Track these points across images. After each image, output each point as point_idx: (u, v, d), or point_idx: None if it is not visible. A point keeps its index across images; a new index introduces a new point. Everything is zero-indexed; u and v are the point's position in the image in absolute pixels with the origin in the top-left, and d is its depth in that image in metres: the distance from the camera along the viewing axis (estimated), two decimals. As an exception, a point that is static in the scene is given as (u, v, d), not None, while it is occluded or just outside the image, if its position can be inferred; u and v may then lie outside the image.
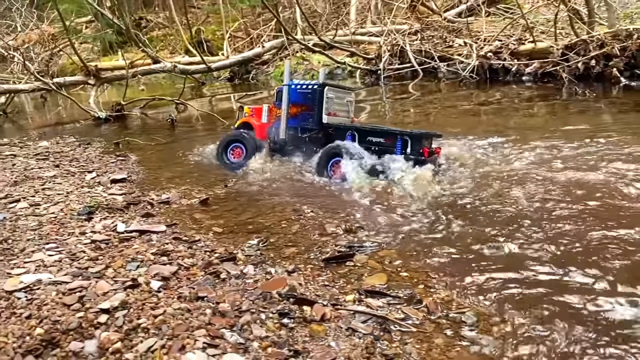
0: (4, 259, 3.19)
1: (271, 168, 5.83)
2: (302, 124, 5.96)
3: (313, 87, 5.91)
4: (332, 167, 5.45)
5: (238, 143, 6.20)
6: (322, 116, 5.84)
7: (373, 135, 5.54)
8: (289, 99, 5.91)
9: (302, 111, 5.96)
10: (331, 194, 4.87)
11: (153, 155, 6.87)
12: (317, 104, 5.84)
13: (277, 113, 6.11)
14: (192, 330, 2.34)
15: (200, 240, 3.62)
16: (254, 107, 6.57)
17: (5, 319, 2.49)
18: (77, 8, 25.16)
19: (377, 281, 2.96)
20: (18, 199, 4.46)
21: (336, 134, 5.78)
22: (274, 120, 6.18)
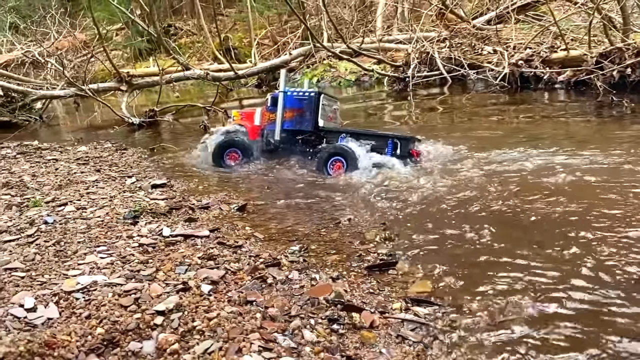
0: (59, 260, 3.32)
1: (300, 176, 5.97)
2: (298, 126, 6.50)
3: (310, 94, 6.51)
4: (332, 165, 6.05)
5: (233, 147, 6.60)
6: (318, 120, 6.43)
7: (364, 137, 6.22)
8: (284, 104, 6.45)
9: (296, 115, 6.51)
10: (365, 200, 4.90)
11: (189, 161, 7.01)
12: (313, 109, 6.43)
13: (269, 116, 6.63)
14: (247, 333, 2.41)
15: (243, 246, 3.69)
16: (243, 112, 7.05)
17: (66, 318, 2.60)
18: (109, 16, 25.86)
19: (422, 289, 2.98)
20: (65, 203, 4.62)
21: (329, 136, 6.45)
22: (266, 123, 6.68)
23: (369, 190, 5.17)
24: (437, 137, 7.28)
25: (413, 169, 5.85)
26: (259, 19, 22.44)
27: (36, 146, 8.03)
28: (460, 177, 5.33)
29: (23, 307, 2.66)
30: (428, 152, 6.44)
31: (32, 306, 2.67)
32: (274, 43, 20.59)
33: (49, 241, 3.65)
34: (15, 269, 3.18)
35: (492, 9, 14.72)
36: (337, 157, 6.04)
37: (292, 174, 6.14)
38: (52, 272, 3.12)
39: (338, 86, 15.11)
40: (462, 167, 5.69)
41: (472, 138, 7.05)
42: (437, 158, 6.22)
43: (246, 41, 23.01)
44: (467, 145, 6.59)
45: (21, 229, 3.95)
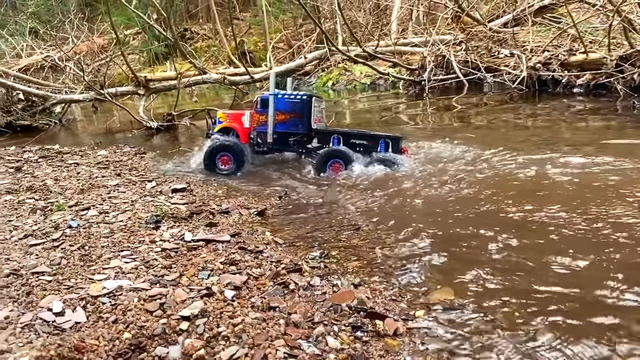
0: (84, 265, 3.38)
1: (315, 181, 6.02)
2: (292, 129, 6.70)
3: (302, 97, 6.69)
4: (330, 166, 6.33)
5: (225, 151, 6.61)
6: (311, 122, 6.65)
7: (355, 138, 6.57)
8: (275, 106, 6.59)
9: (291, 118, 6.68)
10: (381, 206, 4.90)
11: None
12: (306, 112, 6.63)
13: (259, 119, 6.75)
14: (272, 339, 2.42)
15: (264, 251, 3.71)
16: (229, 113, 7.07)
17: (93, 323, 2.64)
18: (126, 20, 26.23)
19: (445, 295, 2.96)
20: (88, 207, 4.70)
21: (321, 137, 6.70)
22: (255, 125, 6.80)
23: (383, 195, 5.16)
24: (453, 140, 7.26)
25: (428, 173, 5.83)
26: (274, 22, 22.55)
27: (57, 150, 8.16)
28: (476, 181, 5.30)
29: (51, 311, 2.71)
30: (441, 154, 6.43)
31: (60, 310, 2.72)
32: (289, 47, 20.67)
33: (73, 245, 3.71)
34: (43, 272, 3.24)
35: (509, 11, 14.62)
36: (336, 159, 6.33)
37: (306, 178, 6.17)
38: (78, 277, 3.18)
39: (353, 89, 15.12)
40: (478, 171, 5.66)
41: (488, 141, 7.00)
42: (452, 161, 6.18)
43: (261, 45, 23.16)
44: (483, 149, 6.55)
45: (46, 233, 4.02)
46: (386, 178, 5.79)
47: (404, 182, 5.57)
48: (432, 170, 5.95)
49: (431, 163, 6.24)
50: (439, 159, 6.38)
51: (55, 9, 30.80)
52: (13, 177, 6.29)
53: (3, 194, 5.46)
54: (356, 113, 11.94)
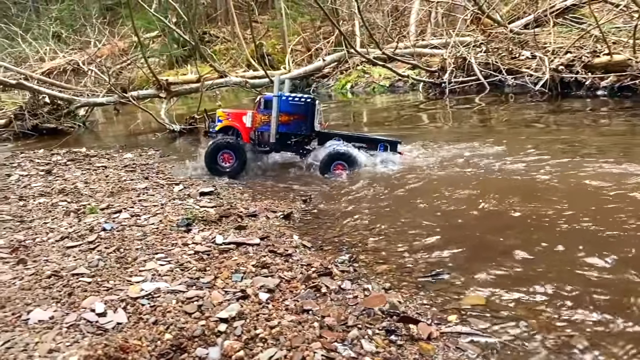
0: (121, 267, 3.48)
1: (336, 185, 6.06)
2: (295, 130, 6.82)
3: (306, 100, 6.80)
4: (335, 167, 6.52)
5: (227, 149, 6.69)
6: (314, 124, 6.83)
7: (355, 140, 6.80)
8: (278, 108, 6.65)
9: (295, 120, 6.78)
10: (407, 209, 4.92)
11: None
12: (309, 114, 6.77)
13: (261, 119, 6.82)
14: (309, 342, 2.48)
15: (293, 254, 3.78)
16: (230, 112, 7.06)
17: (134, 324, 2.73)
18: (146, 24, 26.63)
19: (476, 301, 2.99)
20: (119, 210, 4.82)
21: (323, 138, 6.89)
22: (257, 125, 6.87)
23: (407, 199, 5.19)
24: (474, 142, 7.24)
25: (451, 176, 5.84)
26: (292, 25, 22.68)
27: (84, 153, 8.35)
28: (501, 185, 5.30)
29: (94, 311, 2.82)
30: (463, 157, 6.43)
31: (102, 311, 2.82)
32: (307, 49, 20.77)
33: (109, 248, 3.82)
34: (82, 274, 3.35)
35: (529, 12, 14.50)
36: (339, 161, 6.52)
37: (325, 182, 6.20)
38: (116, 278, 3.28)
39: (372, 92, 15.12)
40: (503, 175, 5.65)
41: (511, 144, 6.95)
42: (475, 164, 6.17)
43: (279, 47, 23.32)
44: (507, 152, 6.53)
45: (82, 235, 4.15)
46: (406, 181, 5.81)
47: (426, 185, 5.59)
48: (455, 173, 5.95)
49: (454, 166, 6.24)
50: (461, 162, 6.37)
51: (78, 13, 31.44)
52: (45, 180, 6.48)
53: (37, 197, 5.63)
54: (375, 114, 11.96)
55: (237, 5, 24.71)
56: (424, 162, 6.60)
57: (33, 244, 4.13)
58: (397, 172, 6.17)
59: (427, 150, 7.25)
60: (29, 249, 4.04)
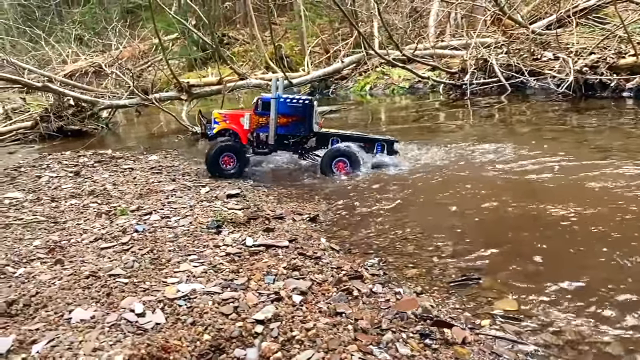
0: (155, 268, 3.56)
1: (358, 187, 6.08)
2: (293, 132, 6.92)
3: (304, 101, 6.89)
4: (336, 165, 6.64)
5: (229, 152, 6.75)
6: (312, 125, 6.92)
7: (352, 140, 6.89)
8: (276, 109, 6.76)
9: (293, 121, 6.88)
10: (431, 211, 4.94)
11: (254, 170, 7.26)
12: (308, 116, 6.85)
13: (258, 120, 6.88)
14: (345, 345, 2.52)
15: (322, 257, 3.82)
16: (226, 113, 7.07)
17: (172, 324, 2.80)
18: (166, 26, 27.00)
19: (508, 306, 3.00)
20: (150, 212, 4.92)
21: (321, 139, 7.03)
22: (255, 127, 6.93)
23: (431, 201, 5.21)
24: (497, 145, 7.23)
25: (477, 179, 5.83)
26: (310, 27, 22.76)
27: (110, 155, 8.50)
28: (528, 188, 5.29)
29: (133, 312, 2.89)
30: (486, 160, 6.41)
31: (141, 311, 2.89)
32: (326, 51, 20.82)
33: (142, 249, 3.91)
34: (118, 275, 3.44)
35: (551, 12, 14.35)
36: (341, 158, 6.63)
37: (346, 184, 6.24)
38: (152, 279, 3.36)
39: (391, 93, 15.11)
40: (529, 177, 5.63)
41: (535, 147, 6.91)
42: (499, 167, 6.15)
43: (297, 49, 23.43)
44: (532, 154, 6.50)
45: (115, 237, 4.25)
46: (427, 183, 5.85)
47: (448, 187, 5.60)
48: (478, 175, 5.95)
49: (476, 168, 6.25)
50: (484, 164, 6.37)
51: (99, 16, 31.98)
52: (74, 182, 6.62)
53: (68, 198, 5.77)
54: (395, 116, 11.95)
55: (256, 8, 24.89)
56: (445, 164, 6.62)
57: (68, 244, 4.24)
58: (418, 174, 6.20)
59: (448, 151, 7.25)
60: (65, 249, 4.15)
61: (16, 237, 4.52)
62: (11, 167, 8.38)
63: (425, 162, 6.89)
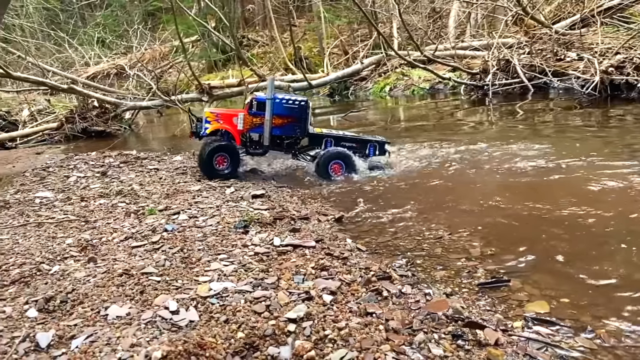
0: (186, 267, 3.63)
1: (382, 188, 6.09)
2: (289, 133, 6.91)
3: (300, 102, 6.84)
4: (332, 167, 6.68)
5: (223, 152, 6.65)
6: (307, 126, 6.92)
7: (345, 141, 6.98)
8: (272, 110, 6.68)
9: (289, 122, 6.85)
10: (456, 212, 4.92)
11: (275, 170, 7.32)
12: (303, 117, 6.85)
13: (252, 121, 6.80)
14: (378, 344, 2.54)
15: (349, 258, 3.84)
16: (219, 113, 6.95)
17: (206, 322, 2.85)
18: (186, 29, 27.34)
19: (540, 308, 2.98)
20: (178, 211, 5.00)
21: (314, 140, 7.03)
22: (248, 127, 6.84)
23: (454, 202, 5.19)
24: (521, 146, 7.17)
25: (503, 181, 5.80)
26: (329, 28, 22.81)
27: (135, 156, 8.65)
28: (554, 190, 5.24)
29: (168, 309, 2.95)
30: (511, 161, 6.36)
31: (175, 309, 2.95)
32: (344, 52, 20.84)
33: (173, 248, 3.98)
34: (151, 273, 3.51)
35: (574, 12, 14.15)
36: (337, 161, 6.68)
37: (368, 185, 6.25)
38: (183, 278, 3.42)
39: (411, 94, 15.05)
40: (554, 179, 5.58)
41: (560, 148, 6.83)
42: (525, 169, 6.10)
43: (315, 50, 23.50)
44: (557, 156, 6.43)
45: (145, 236, 4.33)
46: (450, 184, 5.85)
47: (472, 187, 5.60)
48: (501, 176, 5.93)
49: (500, 168, 6.21)
50: (507, 165, 6.32)
51: (121, 19, 32.53)
52: (101, 182, 6.76)
53: (97, 198, 5.89)
54: (415, 116, 11.92)
55: (275, 10, 25.03)
56: (465, 164, 6.59)
57: (99, 243, 4.34)
58: (438, 174, 6.19)
59: (469, 152, 7.23)
60: (96, 248, 4.25)
61: (49, 236, 4.64)
62: (39, 167, 8.59)
63: (445, 162, 6.86)
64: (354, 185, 6.34)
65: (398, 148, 7.92)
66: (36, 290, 3.44)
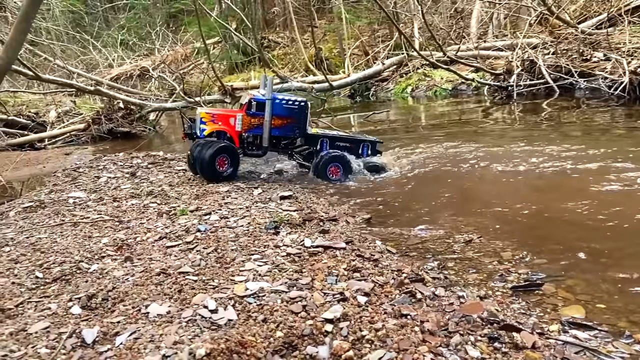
0: (221, 267, 3.71)
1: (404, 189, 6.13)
2: (288, 134, 6.90)
3: (300, 103, 6.80)
4: (330, 170, 6.71)
5: (224, 153, 6.48)
6: (306, 127, 6.92)
7: (340, 141, 7.03)
8: (271, 111, 6.63)
9: (288, 123, 6.82)
10: (485, 214, 4.92)
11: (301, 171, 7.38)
12: (303, 117, 6.83)
13: (250, 121, 6.69)
14: (415, 345, 2.57)
15: (380, 260, 3.87)
16: (215, 114, 6.78)
17: (244, 321, 2.91)
18: (208, 31, 27.65)
19: (575, 312, 2.98)
20: (209, 212, 5.10)
21: (310, 140, 6.99)
22: (246, 128, 6.74)
23: (483, 204, 5.19)
24: (543, 147, 7.10)
25: (532, 183, 5.77)
26: (349, 29, 22.83)
27: (162, 157, 8.81)
28: (586, 192, 5.18)
29: (207, 308, 3.03)
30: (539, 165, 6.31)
31: (214, 308, 3.03)
32: (365, 53, 20.84)
33: (207, 248, 4.07)
34: (187, 272, 3.60)
35: (600, 11, 13.93)
36: (335, 163, 6.70)
37: (391, 187, 6.28)
38: (219, 277, 3.50)
39: (433, 95, 14.98)
40: (585, 182, 5.52)
41: (589, 151, 6.74)
42: (554, 172, 6.05)
43: (335, 51, 23.54)
44: (582, 158, 6.37)
45: (179, 236, 4.43)
46: (477, 186, 5.82)
47: (501, 189, 5.58)
48: (527, 179, 5.89)
49: (524, 171, 6.17)
50: (538, 169, 6.27)
51: (143, 21, 33.06)
52: (132, 182, 6.91)
53: (128, 198, 6.03)
54: (437, 118, 11.87)
55: (296, 11, 25.15)
56: (493, 165, 6.57)
57: (134, 242, 4.46)
58: (465, 176, 6.19)
59: (495, 153, 7.19)
60: (132, 247, 4.36)
61: (85, 235, 4.78)
62: (70, 168, 8.82)
63: (470, 163, 6.85)
64: (378, 187, 6.37)
65: (422, 149, 7.92)
66: (77, 288, 3.56)
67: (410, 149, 8.09)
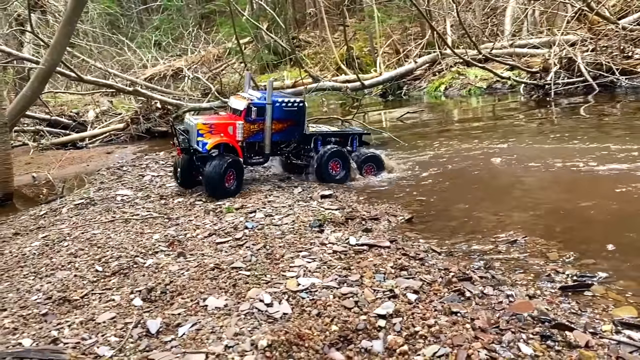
0: (272, 262, 3.84)
1: (446, 187, 6.15)
2: (288, 137, 6.71)
3: (298, 103, 6.59)
4: (330, 166, 6.62)
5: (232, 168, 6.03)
6: (305, 128, 6.80)
7: (331, 137, 7.00)
8: (272, 115, 6.34)
9: (289, 126, 6.60)
10: (529, 213, 4.92)
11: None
12: (302, 118, 6.70)
13: (250, 128, 6.33)
14: (469, 342, 2.64)
15: (425, 259, 3.93)
16: (212, 123, 6.14)
17: (299, 315, 3.03)
18: (240, 31, 28.00)
19: (628, 314, 2.98)
20: (254, 210, 5.25)
21: (304, 139, 6.86)
22: (247, 136, 6.36)
23: (525, 203, 5.19)
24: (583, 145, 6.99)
25: (566, 180, 5.73)
26: (380, 27, 22.78)
27: (202, 155, 9.03)
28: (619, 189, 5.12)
29: (263, 302, 3.16)
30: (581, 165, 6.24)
31: (269, 302, 3.16)
32: (396, 52, 20.76)
33: (256, 245, 4.22)
34: (240, 268, 3.75)
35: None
36: (335, 159, 6.63)
37: (435, 184, 6.29)
38: (271, 273, 3.63)
39: (467, 94, 14.84)
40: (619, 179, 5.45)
41: (625, 149, 6.61)
42: (598, 172, 5.97)
43: (366, 50, 23.52)
44: (621, 156, 6.27)
45: (228, 233, 4.60)
46: (517, 184, 5.84)
47: (547, 190, 5.55)
48: (576, 179, 5.83)
49: (565, 170, 6.12)
50: (581, 168, 6.19)
51: (177, 22, 33.74)
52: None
53: (174, 196, 6.25)
54: (472, 117, 11.77)
55: (327, 10, 25.24)
56: (533, 164, 6.52)
57: (185, 239, 4.65)
58: (505, 174, 6.18)
59: (534, 151, 7.14)
60: (183, 243, 4.55)
61: (137, 231, 5.00)
62: (114, 166, 9.15)
63: (510, 162, 6.81)
64: (415, 186, 6.40)
65: (457, 148, 7.92)
66: (136, 281, 3.76)
67: (445, 149, 8.09)
